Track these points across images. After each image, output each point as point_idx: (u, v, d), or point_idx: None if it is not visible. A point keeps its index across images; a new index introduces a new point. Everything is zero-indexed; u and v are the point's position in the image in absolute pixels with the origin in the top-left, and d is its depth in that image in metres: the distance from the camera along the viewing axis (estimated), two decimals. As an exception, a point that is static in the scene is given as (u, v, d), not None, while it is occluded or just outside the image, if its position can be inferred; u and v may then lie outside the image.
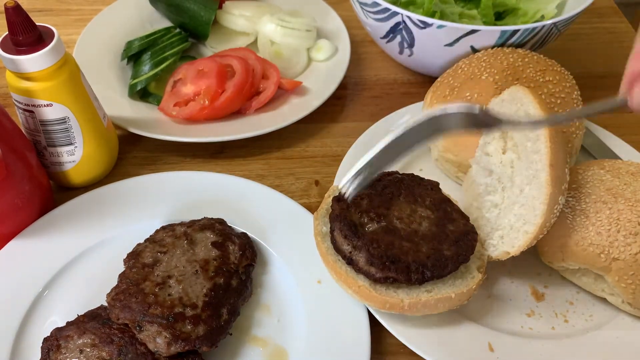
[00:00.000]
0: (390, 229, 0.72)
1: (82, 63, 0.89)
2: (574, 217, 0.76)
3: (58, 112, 0.83)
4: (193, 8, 1.13)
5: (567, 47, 1.24)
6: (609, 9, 1.35)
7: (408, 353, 0.75)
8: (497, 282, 0.82)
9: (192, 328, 0.69)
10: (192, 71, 1.02)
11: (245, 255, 0.79)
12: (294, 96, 1.06)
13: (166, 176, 0.91)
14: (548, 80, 0.89)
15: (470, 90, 0.89)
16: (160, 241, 0.79)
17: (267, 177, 0.98)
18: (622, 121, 1.08)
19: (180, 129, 0.99)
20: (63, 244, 0.83)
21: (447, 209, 0.77)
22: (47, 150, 0.87)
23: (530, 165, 0.74)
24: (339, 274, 0.73)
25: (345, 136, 1.04)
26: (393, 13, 0.97)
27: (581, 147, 0.96)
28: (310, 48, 1.15)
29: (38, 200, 0.85)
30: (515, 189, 0.76)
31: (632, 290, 0.74)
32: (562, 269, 0.80)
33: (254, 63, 1.04)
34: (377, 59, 1.21)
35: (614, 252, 0.73)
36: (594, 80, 1.17)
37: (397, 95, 1.13)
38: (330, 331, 0.75)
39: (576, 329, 0.78)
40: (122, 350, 0.68)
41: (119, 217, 0.86)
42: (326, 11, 1.23)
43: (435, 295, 0.71)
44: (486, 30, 0.94)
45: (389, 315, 0.75)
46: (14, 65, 0.78)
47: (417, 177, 0.81)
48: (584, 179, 0.80)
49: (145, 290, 0.71)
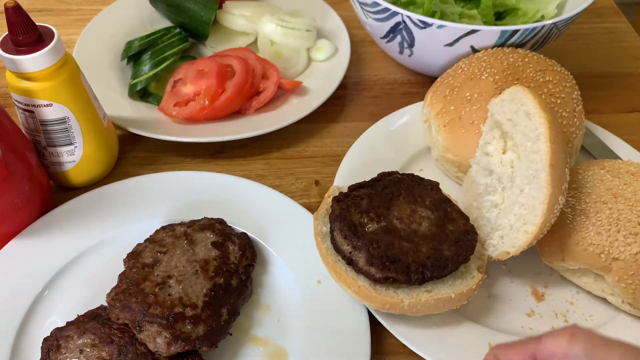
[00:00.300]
0: (390, 229, 0.72)
1: (82, 63, 0.89)
2: (574, 217, 0.76)
3: (58, 112, 0.83)
4: (193, 8, 1.13)
5: (567, 47, 1.24)
6: (609, 9, 1.35)
7: (408, 353, 0.75)
8: (497, 282, 0.82)
9: (192, 328, 0.69)
10: (192, 71, 1.02)
11: (245, 255, 0.79)
12: (294, 96, 1.06)
13: (166, 176, 0.91)
14: (548, 80, 0.89)
15: (470, 90, 0.89)
16: (160, 241, 0.79)
17: (267, 177, 0.98)
18: (622, 121, 1.08)
19: (180, 129, 0.99)
20: (63, 244, 0.83)
21: (447, 209, 0.77)
22: (47, 150, 0.87)
23: (531, 165, 0.74)
24: (339, 274, 0.73)
25: (345, 136, 1.04)
26: (393, 13, 0.97)
27: (581, 147, 0.96)
28: (310, 48, 1.15)
29: (38, 200, 0.85)
30: (515, 189, 0.76)
31: (632, 290, 0.74)
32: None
33: (254, 63, 1.04)
34: (377, 59, 1.21)
35: (614, 252, 0.73)
36: (594, 80, 1.17)
37: (397, 95, 1.13)
38: (330, 331, 0.75)
39: (576, 329, 0.78)
40: (122, 350, 0.68)
41: (119, 217, 0.86)
42: (326, 11, 1.23)
43: (435, 295, 0.71)
44: (486, 30, 0.94)
45: (389, 315, 0.75)
46: (14, 65, 0.78)
47: (417, 177, 0.81)
48: (584, 179, 0.80)
49: (145, 290, 0.71)
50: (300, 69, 1.13)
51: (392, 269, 0.69)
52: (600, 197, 0.76)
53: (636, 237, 0.73)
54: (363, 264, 0.71)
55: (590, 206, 0.76)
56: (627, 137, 0.99)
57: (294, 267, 0.82)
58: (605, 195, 0.76)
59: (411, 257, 0.70)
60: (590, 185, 0.79)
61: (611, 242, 0.73)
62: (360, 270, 0.71)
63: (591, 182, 0.79)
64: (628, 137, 0.99)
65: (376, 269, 0.70)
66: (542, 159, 0.72)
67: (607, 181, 0.78)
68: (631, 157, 0.95)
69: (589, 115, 1.03)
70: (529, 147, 0.75)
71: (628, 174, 0.79)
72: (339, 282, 0.74)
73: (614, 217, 0.74)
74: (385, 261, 0.69)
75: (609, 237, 0.74)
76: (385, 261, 0.69)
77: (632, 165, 0.81)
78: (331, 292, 0.78)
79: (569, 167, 0.78)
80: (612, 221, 0.74)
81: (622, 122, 1.07)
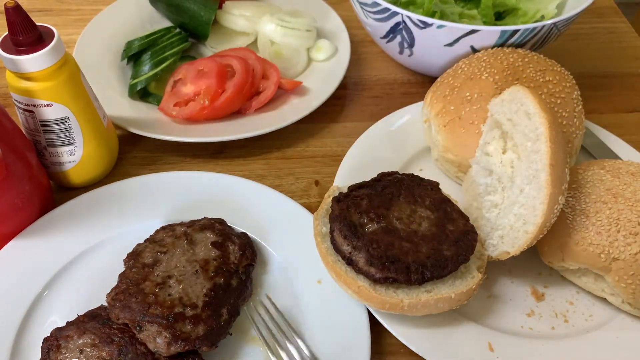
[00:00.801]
0: (390, 229, 0.72)
1: (82, 63, 0.89)
2: (574, 217, 0.76)
3: (58, 112, 0.83)
4: (193, 8, 1.13)
5: (567, 47, 1.24)
6: (609, 9, 1.35)
7: (408, 353, 0.75)
8: (497, 282, 0.82)
9: (192, 328, 0.69)
10: (192, 71, 1.02)
11: (245, 255, 0.79)
12: (294, 96, 1.06)
13: (166, 176, 0.91)
14: (548, 80, 0.89)
15: (470, 90, 0.89)
16: (160, 241, 0.79)
17: (267, 177, 0.98)
18: (622, 121, 1.09)
19: (180, 129, 0.99)
20: (63, 244, 0.83)
21: (447, 209, 0.77)
22: (47, 150, 0.87)
23: (531, 165, 0.74)
24: (339, 274, 0.73)
25: (345, 136, 1.04)
26: (393, 13, 0.97)
27: (581, 147, 0.96)
28: (310, 48, 1.15)
29: (38, 200, 0.85)
30: (515, 189, 0.76)
31: (632, 290, 0.74)
32: (562, 269, 0.80)
33: (254, 63, 1.04)
34: (377, 59, 1.21)
35: (614, 252, 0.73)
36: (594, 80, 1.17)
37: (397, 95, 1.13)
38: (330, 331, 0.75)
39: (576, 329, 0.78)
40: (122, 350, 0.68)
41: (119, 217, 0.86)
42: (326, 11, 1.23)
43: (435, 295, 0.71)
44: (486, 30, 0.94)
45: (389, 315, 0.75)
46: (14, 65, 0.78)
47: (417, 177, 0.81)
48: (584, 179, 0.80)
49: (145, 290, 0.71)
50: (300, 69, 1.13)
51: (392, 269, 0.69)
52: (600, 197, 0.76)
53: (636, 237, 0.73)
54: (363, 264, 0.71)
55: (590, 206, 0.76)
56: (627, 137, 0.99)
57: (294, 267, 0.82)
58: (605, 195, 0.76)
59: (411, 257, 0.70)
60: (590, 185, 0.79)
61: (611, 242, 0.73)
62: (360, 270, 0.71)
63: (591, 182, 0.79)
64: (628, 137, 0.99)
65: (376, 269, 0.70)
66: (542, 159, 0.72)
67: (607, 181, 0.78)
68: (631, 157, 0.95)
69: (589, 115, 1.03)
70: (529, 147, 0.75)
71: (628, 174, 0.79)
72: (339, 282, 0.74)
73: (614, 217, 0.74)
74: (385, 261, 0.69)
75: (609, 237, 0.74)
76: (385, 261, 0.69)
77: (632, 165, 0.81)
78: (331, 292, 0.78)
79: (569, 167, 0.78)
80: (612, 221, 0.74)
81: (622, 122, 1.08)
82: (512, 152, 0.79)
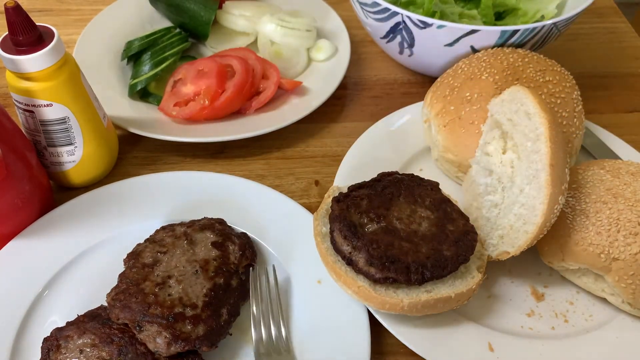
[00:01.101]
0: (390, 229, 0.72)
1: (82, 63, 0.89)
2: (574, 217, 0.76)
3: (58, 112, 0.83)
4: (193, 8, 1.13)
5: (567, 47, 1.24)
6: (609, 9, 1.35)
7: (408, 353, 0.75)
8: (497, 282, 0.82)
9: (192, 328, 0.69)
10: (192, 71, 1.03)
11: (245, 255, 0.79)
12: (294, 96, 1.06)
13: (166, 176, 0.91)
14: (548, 80, 0.89)
15: (470, 90, 0.89)
16: (160, 241, 0.79)
17: (267, 177, 0.98)
18: (622, 121, 1.09)
19: (180, 129, 0.99)
20: (63, 244, 0.83)
21: (447, 209, 0.77)
22: (47, 150, 0.87)
23: (531, 165, 0.74)
24: (339, 274, 0.73)
25: (345, 136, 1.04)
26: (393, 13, 0.97)
27: (581, 147, 0.96)
28: (310, 48, 1.15)
29: (38, 200, 0.85)
30: (515, 189, 0.76)
31: (632, 290, 0.74)
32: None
33: (254, 63, 1.05)
34: (377, 59, 1.21)
35: (614, 252, 0.73)
36: (594, 80, 1.17)
37: (397, 95, 1.13)
38: (330, 331, 0.75)
39: (576, 329, 0.78)
40: (122, 350, 0.68)
41: (119, 217, 0.86)
42: (326, 11, 1.23)
43: (435, 296, 0.71)
44: (486, 30, 0.94)
45: (389, 315, 0.75)
46: (14, 65, 0.78)
47: (417, 177, 0.81)
48: (584, 179, 0.80)
49: (145, 290, 0.71)
50: (300, 69, 1.13)
51: (391, 269, 0.69)
52: (600, 197, 0.76)
53: (636, 237, 0.73)
54: (363, 264, 0.71)
55: (590, 206, 0.76)
56: (627, 137, 0.99)
57: (294, 267, 0.82)
58: (605, 195, 0.76)
59: (411, 257, 0.70)
60: (590, 185, 0.79)
61: (611, 242, 0.73)
62: (360, 270, 0.71)
63: (591, 182, 0.79)
64: (628, 137, 0.99)
65: (376, 269, 0.70)
66: (542, 159, 0.72)
67: (607, 181, 0.78)
68: (631, 157, 0.95)
69: (589, 115, 1.03)
70: (529, 147, 0.75)
71: (628, 174, 0.79)
72: (338, 282, 0.74)
73: (614, 217, 0.74)
74: (385, 261, 0.69)
75: (609, 237, 0.74)
76: (385, 261, 0.69)
77: (632, 165, 0.81)
78: (331, 292, 0.78)
79: (569, 167, 0.78)
80: (612, 221, 0.74)
81: (622, 122, 1.08)
82: (512, 152, 0.79)
